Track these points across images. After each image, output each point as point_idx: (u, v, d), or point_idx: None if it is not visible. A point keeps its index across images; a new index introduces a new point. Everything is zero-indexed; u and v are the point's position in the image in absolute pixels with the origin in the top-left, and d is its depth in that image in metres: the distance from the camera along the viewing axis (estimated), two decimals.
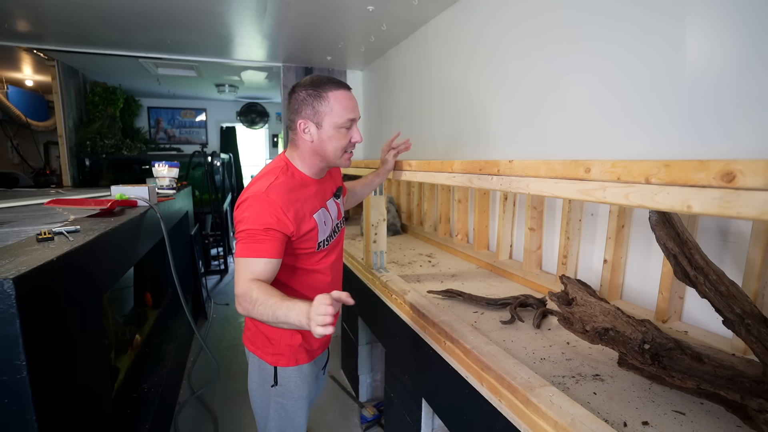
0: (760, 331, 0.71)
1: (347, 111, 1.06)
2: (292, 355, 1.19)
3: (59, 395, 0.88)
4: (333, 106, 1.04)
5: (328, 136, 1.06)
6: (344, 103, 1.05)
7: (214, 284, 4.37)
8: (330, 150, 1.08)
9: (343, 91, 1.06)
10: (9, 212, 1.68)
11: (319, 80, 1.06)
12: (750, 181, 0.49)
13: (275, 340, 1.18)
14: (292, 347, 1.18)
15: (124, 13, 2.42)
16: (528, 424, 0.82)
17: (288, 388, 1.21)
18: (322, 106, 1.04)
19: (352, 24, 2.53)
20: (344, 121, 1.06)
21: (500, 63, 1.82)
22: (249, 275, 0.96)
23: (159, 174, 2.67)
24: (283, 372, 1.20)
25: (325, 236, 1.16)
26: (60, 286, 0.91)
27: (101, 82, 4.49)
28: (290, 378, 1.21)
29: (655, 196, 0.61)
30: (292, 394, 1.22)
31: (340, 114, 1.05)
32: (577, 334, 0.97)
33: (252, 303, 0.92)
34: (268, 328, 1.18)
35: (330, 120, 1.05)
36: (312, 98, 1.04)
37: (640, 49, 1.19)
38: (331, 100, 1.04)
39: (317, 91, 1.04)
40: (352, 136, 1.09)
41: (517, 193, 1.63)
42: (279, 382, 1.20)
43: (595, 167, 0.77)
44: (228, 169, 5.64)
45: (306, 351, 1.21)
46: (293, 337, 1.18)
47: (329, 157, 1.10)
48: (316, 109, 1.04)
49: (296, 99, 1.07)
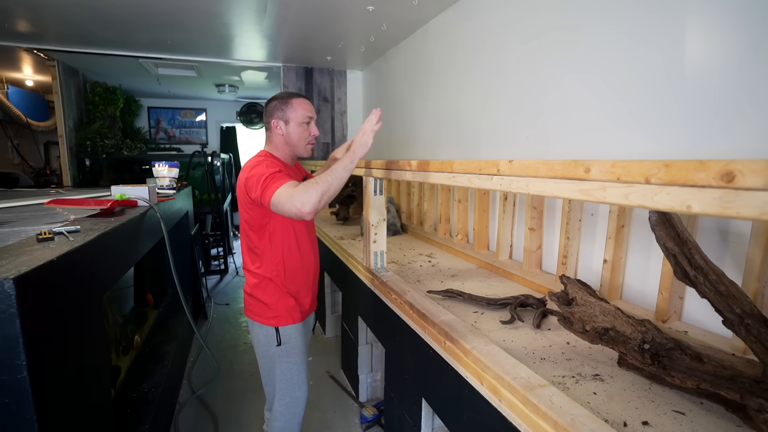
0: (760, 331, 0.71)
1: (306, 111, 1.44)
2: (289, 315, 1.43)
3: (59, 395, 0.88)
4: (296, 108, 1.42)
5: (293, 130, 1.43)
6: (304, 106, 1.44)
7: (214, 284, 4.37)
8: (295, 140, 1.44)
9: (302, 99, 1.45)
10: (9, 212, 1.68)
11: (285, 94, 1.46)
12: (750, 181, 0.49)
13: (272, 305, 1.42)
14: (288, 308, 1.43)
15: (124, 13, 2.42)
16: (528, 424, 0.82)
17: (290, 345, 1.44)
18: (289, 109, 1.42)
19: (352, 24, 2.53)
20: (305, 118, 1.43)
21: (500, 63, 1.82)
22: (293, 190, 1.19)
23: (159, 174, 2.67)
24: (284, 330, 1.43)
25: None
26: (60, 286, 0.91)
27: (101, 82, 4.49)
28: (291, 335, 1.44)
29: (654, 196, 0.61)
30: (294, 350, 1.44)
31: (301, 113, 1.43)
32: (577, 334, 0.97)
33: (312, 184, 1.19)
34: (264, 295, 1.43)
35: (294, 118, 1.42)
36: (281, 104, 1.43)
37: (641, 49, 1.19)
38: (294, 104, 1.43)
39: (284, 100, 1.43)
40: (311, 131, 1.46)
41: (517, 193, 1.62)
42: (282, 341, 1.42)
43: (595, 167, 0.77)
44: (228, 169, 5.64)
45: (300, 311, 1.47)
46: (287, 300, 1.43)
47: (296, 146, 1.45)
48: (284, 111, 1.42)
49: (270, 107, 1.44)
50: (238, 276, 4.65)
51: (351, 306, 2.22)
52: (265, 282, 1.43)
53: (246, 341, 3.06)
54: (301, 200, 1.16)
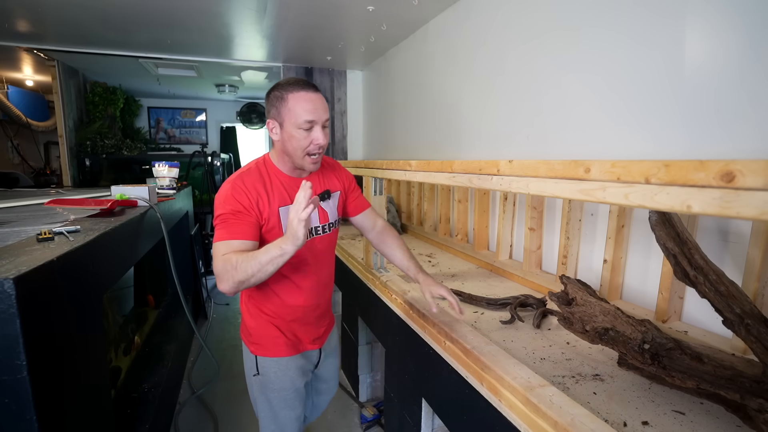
0: (760, 331, 0.71)
1: (305, 112, 1.05)
2: (270, 346, 1.23)
3: (59, 395, 0.88)
4: (291, 107, 1.05)
5: (289, 136, 1.07)
6: (303, 105, 1.05)
7: (214, 284, 4.36)
8: (291, 149, 1.09)
9: (303, 92, 1.05)
10: (9, 212, 1.68)
11: (286, 82, 1.08)
12: (750, 181, 0.49)
13: (254, 329, 1.23)
14: (270, 338, 1.22)
15: (124, 13, 2.42)
16: (528, 424, 0.82)
17: (268, 378, 1.24)
18: (283, 107, 1.06)
19: (352, 24, 2.53)
20: (302, 122, 1.05)
21: (500, 63, 1.82)
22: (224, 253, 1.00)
23: (159, 174, 2.67)
24: (262, 362, 1.23)
25: None
26: (60, 286, 0.91)
27: (101, 82, 4.49)
28: (269, 369, 1.23)
29: (654, 196, 0.61)
30: (272, 385, 1.24)
31: (298, 115, 1.05)
32: (577, 334, 0.97)
33: (234, 267, 0.96)
34: (248, 319, 1.24)
35: (289, 120, 1.06)
36: (276, 99, 1.07)
37: (641, 48, 1.19)
38: (290, 101, 1.05)
39: (280, 92, 1.07)
40: (313, 138, 1.07)
41: (517, 193, 1.62)
42: (260, 371, 1.24)
43: (595, 167, 0.77)
44: (228, 169, 5.63)
45: (288, 345, 1.23)
46: (268, 327, 1.22)
47: (293, 157, 1.11)
48: (279, 110, 1.07)
49: (267, 101, 1.11)
50: None
51: (351, 306, 2.22)
52: (251, 302, 1.23)
53: None
54: (219, 276, 0.98)
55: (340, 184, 1.29)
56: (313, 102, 1.06)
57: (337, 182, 1.29)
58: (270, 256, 0.94)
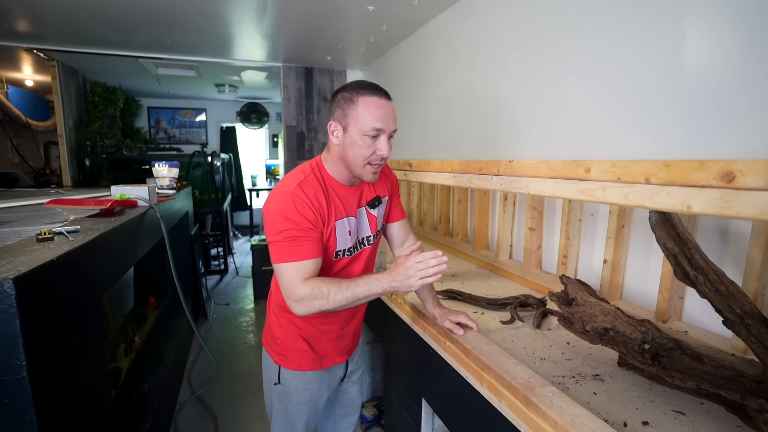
0: (760, 331, 0.71)
1: (374, 119, 0.99)
2: (295, 359, 1.18)
3: (59, 395, 0.88)
4: (360, 111, 0.99)
5: (351, 142, 1.01)
6: (372, 111, 0.99)
7: (214, 284, 4.37)
8: (351, 157, 1.02)
9: (375, 98, 1.00)
10: (9, 212, 1.68)
11: (357, 85, 1.03)
12: (750, 181, 0.49)
13: (280, 340, 1.19)
14: (296, 351, 1.18)
15: (124, 13, 2.42)
16: (528, 424, 0.82)
17: (289, 390, 1.21)
18: (351, 110, 1.00)
19: (352, 24, 2.53)
20: (369, 129, 0.99)
21: (500, 63, 1.82)
22: (301, 277, 0.98)
23: (159, 174, 2.67)
24: (285, 373, 1.20)
25: (346, 246, 1.10)
26: (60, 286, 0.91)
27: (101, 82, 4.49)
28: (291, 381, 1.20)
29: (655, 196, 0.61)
30: (292, 397, 1.21)
31: (366, 120, 0.99)
32: (577, 334, 0.97)
33: (325, 296, 0.95)
34: (277, 329, 1.19)
35: (355, 125, 1.00)
36: (345, 101, 1.01)
37: (641, 49, 1.19)
38: (360, 105, 0.99)
39: (351, 94, 1.01)
40: (377, 148, 1.01)
41: (517, 193, 1.63)
42: (281, 382, 1.21)
43: (595, 167, 0.77)
44: (228, 169, 5.64)
45: (312, 359, 1.19)
46: (297, 340, 1.17)
47: (351, 165, 1.04)
48: (345, 112, 1.01)
49: (333, 101, 1.05)
50: (238, 276, 4.65)
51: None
52: (282, 313, 1.18)
53: (246, 341, 3.06)
54: (300, 302, 0.97)
55: (387, 189, 1.23)
56: (385, 110, 1.00)
57: (385, 189, 1.22)
58: (369, 292, 0.96)
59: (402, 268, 0.94)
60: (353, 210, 1.11)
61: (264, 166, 6.65)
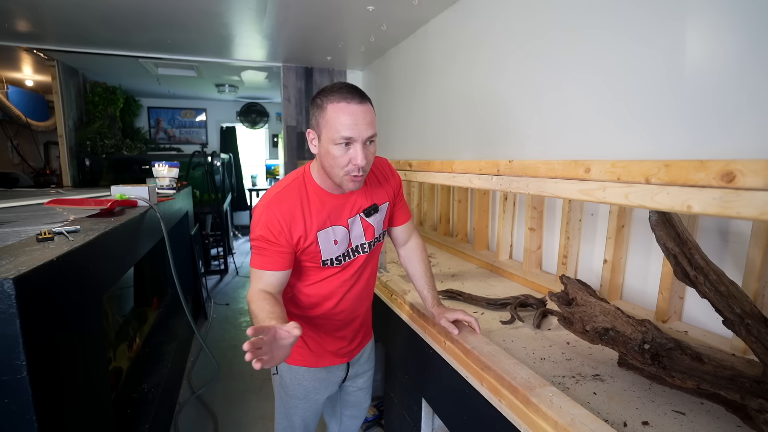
0: (760, 331, 0.71)
1: (342, 127, 0.91)
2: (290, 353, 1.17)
3: (59, 395, 0.88)
4: (329, 119, 0.92)
5: (325, 151, 0.95)
6: (341, 118, 0.91)
7: (214, 284, 4.37)
8: (327, 167, 0.97)
9: (343, 103, 0.91)
10: (9, 212, 1.68)
11: (330, 88, 0.96)
12: (750, 181, 0.49)
13: None
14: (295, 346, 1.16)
15: (124, 13, 2.42)
16: (528, 424, 0.82)
17: (285, 382, 1.24)
18: (321, 118, 0.94)
19: (352, 24, 2.53)
20: (338, 138, 0.91)
21: (501, 63, 1.82)
22: (258, 284, 1.01)
23: (159, 174, 2.67)
24: (281, 366, 1.22)
25: (332, 256, 1.08)
26: (60, 286, 0.91)
27: (101, 82, 4.49)
28: (287, 374, 1.23)
29: (655, 196, 0.61)
30: (288, 390, 1.24)
31: (335, 128, 0.92)
32: (577, 334, 0.97)
33: (250, 312, 0.97)
34: None
35: (326, 134, 0.94)
36: (316, 108, 0.96)
37: (641, 49, 1.19)
38: (329, 111, 0.92)
39: (321, 100, 0.95)
40: (351, 158, 0.93)
41: (517, 193, 1.62)
42: (278, 372, 1.24)
43: (595, 167, 0.77)
44: (228, 169, 5.64)
45: (306, 355, 1.19)
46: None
47: (330, 174, 0.99)
48: (317, 120, 0.96)
49: (311, 107, 1.00)
50: (238, 276, 4.65)
51: None
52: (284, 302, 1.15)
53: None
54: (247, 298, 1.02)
55: (387, 195, 1.17)
56: (354, 116, 0.91)
57: (384, 194, 1.16)
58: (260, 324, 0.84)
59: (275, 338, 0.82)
60: (342, 219, 1.08)
61: (264, 166, 6.65)
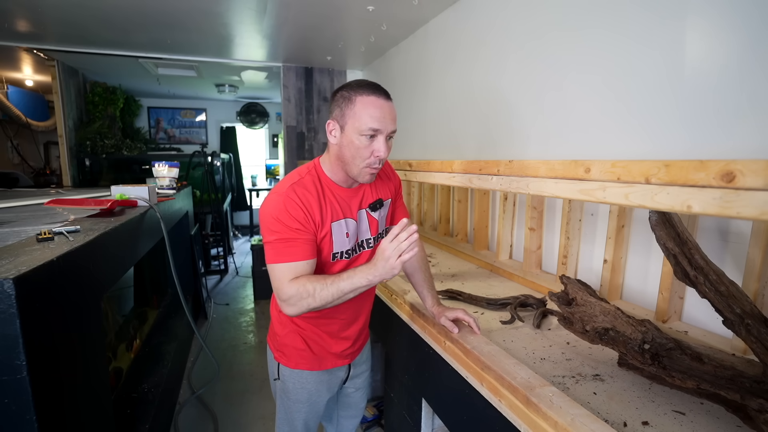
0: (760, 331, 0.71)
1: (371, 119, 0.97)
2: (293, 357, 1.19)
3: (59, 395, 0.88)
4: (357, 111, 0.98)
5: (348, 142, 1.00)
6: (370, 110, 0.97)
7: (214, 284, 4.37)
8: (348, 157, 1.01)
9: (373, 97, 0.98)
10: (9, 212, 1.68)
11: (357, 84, 1.02)
12: (750, 181, 0.49)
13: (280, 337, 1.20)
14: (294, 349, 1.18)
15: (124, 13, 2.42)
16: (528, 424, 0.82)
17: (287, 387, 1.23)
18: (348, 109, 0.99)
19: (352, 24, 2.53)
20: (366, 129, 0.97)
21: (500, 63, 1.82)
22: (290, 277, 0.98)
23: (159, 174, 2.67)
24: (283, 370, 1.22)
25: (343, 249, 1.09)
26: (60, 286, 0.91)
27: (101, 82, 4.49)
28: (289, 379, 1.22)
29: (655, 196, 0.61)
30: (290, 394, 1.23)
31: (362, 120, 0.97)
32: (577, 334, 0.97)
33: (311, 294, 0.95)
34: (277, 325, 1.21)
35: (352, 124, 0.98)
36: (343, 100, 1.00)
37: (641, 49, 1.19)
38: (357, 104, 0.98)
39: (349, 93, 1.00)
40: (374, 149, 0.99)
41: (517, 193, 1.63)
42: (280, 378, 1.23)
43: (595, 167, 0.77)
44: (228, 169, 5.64)
45: (309, 359, 1.19)
46: (295, 339, 1.17)
47: (348, 165, 1.03)
48: (343, 111, 1.00)
49: (332, 100, 1.04)
50: (238, 276, 4.65)
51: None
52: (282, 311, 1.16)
53: (246, 341, 3.06)
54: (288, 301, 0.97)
55: (390, 192, 1.22)
56: (383, 109, 0.98)
57: (387, 191, 1.21)
58: (353, 286, 0.94)
59: (378, 253, 0.92)
60: (352, 212, 1.10)
61: (264, 166, 6.65)
